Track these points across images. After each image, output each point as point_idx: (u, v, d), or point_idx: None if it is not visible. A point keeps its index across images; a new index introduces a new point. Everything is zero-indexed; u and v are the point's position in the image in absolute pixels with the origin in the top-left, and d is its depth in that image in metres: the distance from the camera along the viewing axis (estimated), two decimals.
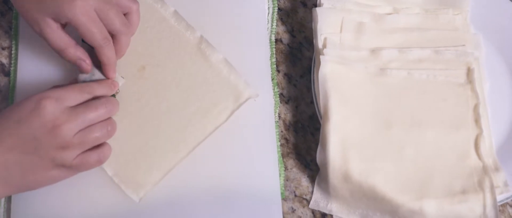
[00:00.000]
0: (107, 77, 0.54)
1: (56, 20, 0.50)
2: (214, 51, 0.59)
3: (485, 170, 0.57)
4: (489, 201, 0.55)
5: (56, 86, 0.52)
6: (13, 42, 0.60)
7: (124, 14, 0.54)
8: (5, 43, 0.61)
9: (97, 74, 0.54)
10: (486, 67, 0.63)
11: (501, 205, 0.59)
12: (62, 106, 0.47)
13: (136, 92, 0.57)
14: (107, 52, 0.52)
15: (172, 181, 0.55)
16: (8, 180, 0.47)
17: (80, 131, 0.48)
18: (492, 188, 0.56)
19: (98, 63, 0.54)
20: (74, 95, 0.49)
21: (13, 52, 0.60)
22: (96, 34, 0.50)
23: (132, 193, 0.54)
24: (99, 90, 0.52)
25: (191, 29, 0.59)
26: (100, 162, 0.50)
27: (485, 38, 0.64)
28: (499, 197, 0.56)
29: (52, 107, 0.47)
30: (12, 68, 0.59)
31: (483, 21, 0.64)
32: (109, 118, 0.51)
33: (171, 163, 0.55)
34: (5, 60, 0.60)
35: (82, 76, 0.54)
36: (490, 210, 0.55)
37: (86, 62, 0.53)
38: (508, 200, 0.57)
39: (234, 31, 0.62)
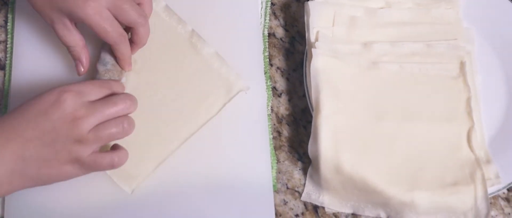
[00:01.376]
0: (123, 68, 0.56)
1: (69, 18, 0.52)
2: (205, 44, 0.59)
3: (476, 162, 0.57)
4: (480, 193, 0.55)
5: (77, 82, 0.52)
6: (9, 36, 0.61)
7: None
8: (1, 37, 0.61)
9: (112, 63, 0.55)
10: (478, 61, 0.63)
11: (492, 197, 0.59)
12: (82, 100, 0.48)
13: (128, 85, 0.57)
14: (121, 48, 0.53)
15: (164, 173, 0.56)
16: (24, 172, 0.47)
17: (97, 125, 0.48)
18: (484, 180, 0.56)
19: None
20: (94, 90, 0.50)
21: (8, 46, 0.60)
22: (110, 33, 0.51)
23: (124, 185, 0.54)
24: (115, 87, 0.52)
25: (182, 23, 0.60)
26: (112, 165, 0.50)
27: (477, 32, 0.64)
28: (490, 189, 0.57)
29: (73, 100, 0.47)
30: (7, 62, 0.60)
31: (475, 15, 0.64)
32: (127, 115, 0.51)
33: (163, 155, 0.56)
34: (0, 54, 0.61)
35: (101, 67, 0.55)
36: (481, 202, 0.55)
37: (83, 65, 0.55)
38: (499, 192, 0.58)
39: (227, 25, 0.63)
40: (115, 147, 0.52)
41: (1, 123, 0.47)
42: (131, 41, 0.55)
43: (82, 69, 0.55)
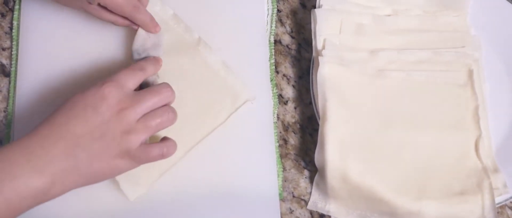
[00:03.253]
0: (150, 32, 0.57)
1: (90, 2, 0.54)
2: (212, 52, 0.59)
3: (484, 171, 0.57)
4: (487, 203, 0.55)
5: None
6: (14, 43, 0.60)
7: None
8: (6, 44, 0.61)
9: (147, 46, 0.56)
10: (485, 69, 0.63)
11: (500, 207, 0.59)
12: (125, 90, 0.49)
13: None
14: (139, 17, 0.55)
15: (169, 181, 0.55)
16: (77, 169, 0.46)
17: (144, 115, 0.49)
18: (491, 189, 0.55)
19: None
20: (131, 78, 0.50)
21: (13, 52, 0.60)
22: (124, 6, 0.53)
23: (128, 191, 0.54)
24: (148, 66, 0.53)
25: (189, 31, 0.60)
26: (162, 156, 0.50)
27: (484, 39, 0.64)
28: (498, 199, 0.56)
29: (117, 92, 0.48)
30: (12, 69, 0.60)
31: (482, 22, 0.64)
32: (169, 105, 0.52)
33: (168, 163, 0.55)
34: (5, 61, 0.60)
35: (135, 47, 0.56)
36: (488, 212, 0.55)
37: (146, 24, 0.56)
38: (507, 202, 0.57)
39: (234, 32, 0.62)
40: (163, 138, 0.52)
41: (49, 122, 0.47)
42: None
43: (153, 27, 0.57)
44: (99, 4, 0.54)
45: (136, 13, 0.55)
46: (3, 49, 0.61)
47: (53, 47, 0.59)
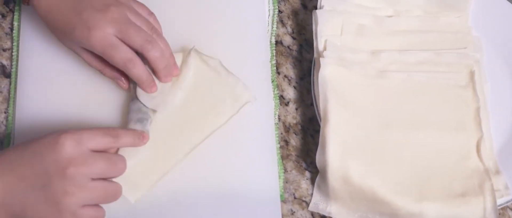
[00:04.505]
0: (145, 91, 0.55)
1: (83, 47, 0.53)
2: (209, 57, 0.58)
3: (485, 173, 0.57)
4: (489, 204, 0.55)
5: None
6: (14, 44, 0.60)
7: None
8: (6, 45, 0.61)
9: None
10: (487, 70, 0.63)
11: (501, 209, 0.59)
12: (82, 148, 0.46)
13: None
14: (133, 73, 0.53)
15: (170, 183, 0.55)
16: (11, 209, 0.45)
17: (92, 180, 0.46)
18: (493, 191, 0.55)
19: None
20: (95, 141, 0.47)
21: (14, 54, 0.60)
22: (117, 59, 0.51)
23: (128, 193, 0.54)
24: (125, 137, 0.50)
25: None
26: None
27: (486, 40, 0.64)
28: (500, 201, 0.56)
29: (72, 147, 0.45)
30: (13, 70, 0.59)
31: (484, 23, 0.64)
32: (111, 181, 0.49)
33: (168, 165, 0.55)
34: (6, 62, 0.60)
35: (132, 106, 0.55)
36: (490, 213, 0.55)
37: (122, 80, 0.56)
38: (509, 204, 0.57)
39: (235, 33, 0.62)
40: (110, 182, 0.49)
41: (2, 154, 0.46)
42: None
43: (123, 84, 0.56)
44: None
45: (131, 68, 0.52)
46: (4, 50, 0.61)
47: (54, 48, 0.59)
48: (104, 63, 0.55)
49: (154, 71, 0.55)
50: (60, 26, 0.52)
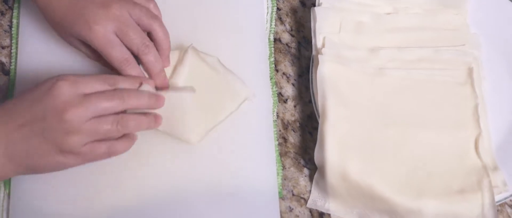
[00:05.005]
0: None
1: (82, 41, 0.53)
2: (207, 55, 0.58)
3: (484, 169, 0.57)
4: (487, 201, 0.55)
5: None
6: (13, 41, 0.60)
7: (149, 33, 0.54)
8: (5, 42, 0.61)
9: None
10: (485, 67, 0.63)
11: (500, 205, 0.59)
12: (77, 91, 0.46)
13: None
14: (127, 72, 0.53)
15: (169, 179, 0.55)
16: (14, 158, 0.46)
17: (92, 118, 0.47)
18: (491, 187, 0.55)
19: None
20: (93, 84, 0.48)
21: (13, 51, 0.60)
22: (113, 57, 0.52)
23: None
24: (122, 83, 0.50)
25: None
26: (108, 154, 0.49)
27: (484, 37, 0.64)
28: (498, 197, 0.56)
29: (68, 90, 0.46)
30: (11, 67, 0.60)
31: (482, 20, 0.64)
32: (125, 113, 0.50)
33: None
34: (5, 59, 0.60)
35: None
36: (488, 210, 0.55)
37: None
38: (507, 200, 0.57)
39: (233, 30, 0.62)
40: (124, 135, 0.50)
41: (2, 106, 0.47)
42: None
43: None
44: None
45: (125, 68, 0.52)
46: (3, 48, 0.61)
47: (53, 45, 0.59)
48: (100, 57, 0.55)
49: (148, 75, 0.55)
50: (59, 19, 0.52)
